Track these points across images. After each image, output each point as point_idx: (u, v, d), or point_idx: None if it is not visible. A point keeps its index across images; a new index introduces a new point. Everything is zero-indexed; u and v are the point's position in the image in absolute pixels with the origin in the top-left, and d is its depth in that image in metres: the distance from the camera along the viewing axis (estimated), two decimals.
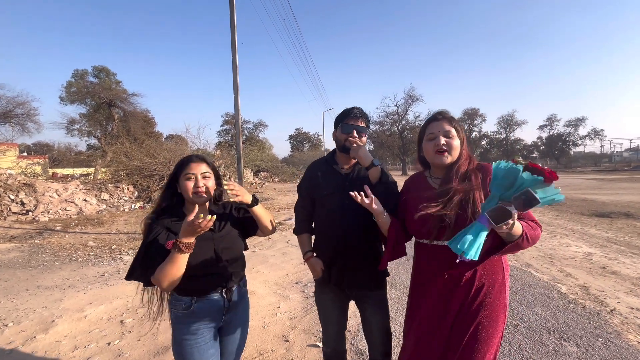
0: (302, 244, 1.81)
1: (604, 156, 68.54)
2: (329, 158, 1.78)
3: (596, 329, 2.71)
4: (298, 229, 1.84)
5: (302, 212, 1.83)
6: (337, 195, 1.63)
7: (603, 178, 26.20)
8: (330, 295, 1.72)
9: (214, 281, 1.41)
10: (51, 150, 36.57)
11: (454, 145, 1.32)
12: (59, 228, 8.02)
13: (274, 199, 14.45)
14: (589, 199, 12.10)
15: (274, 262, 4.99)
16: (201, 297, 1.39)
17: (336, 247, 1.64)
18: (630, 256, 4.85)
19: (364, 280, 1.64)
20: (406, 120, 45.09)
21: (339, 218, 1.64)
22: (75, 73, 28.60)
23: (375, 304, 1.67)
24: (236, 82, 7.42)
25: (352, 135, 1.65)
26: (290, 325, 2.92)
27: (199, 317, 1.38)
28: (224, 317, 1.45)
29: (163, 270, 1.20)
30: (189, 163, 1.40)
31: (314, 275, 1.74)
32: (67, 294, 3.73)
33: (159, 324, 2.93)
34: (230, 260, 1.46)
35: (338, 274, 1.66)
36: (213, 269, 1.39)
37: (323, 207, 1.71)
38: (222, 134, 48.54)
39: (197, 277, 1.35)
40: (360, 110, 1.69)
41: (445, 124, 1.33)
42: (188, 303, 1.37)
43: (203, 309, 1.38)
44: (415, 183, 1.46)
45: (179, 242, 1.19)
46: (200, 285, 1.38)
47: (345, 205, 1.61)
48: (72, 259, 5.35)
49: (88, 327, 2.92)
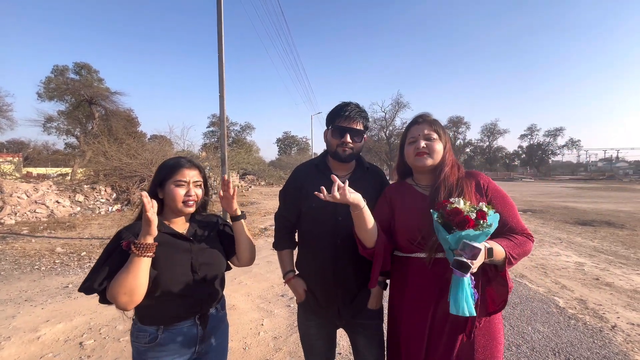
0: (282, 262, 1.54)
1: (580, 165, 71.53)
2: (319, 163, 1.49)
3: (602, 348, 2.55)
4: (278, 243, 1.56)
5: (283, 224, 1.55)
6: (328, 207, 1.33)
7: (581, 187, 27.17)
8: (316, 322, 1.46)
9: (188, 305, 1.16)
10: (26, 148, 34.83)
11: (435, 148, 1.23)
12: (26, 232, 7.42)
13: (260, 203, 14.06)
14: (570, 206, 12.38)
15: (257, 271, 4.67)
16: (170, 325, 1.14)
17: (325, 268, 1.39)
18: (620, 266, 4.82)
19: (359, 308, 1.39)
20: (393, 126, 45.79)
21: (330, 234, 1.37)
22: (55, 69, 27.31)
23: (371, 335, 1.41)
24: (222, 80, 7.10)
25: (346, 140, 1.37)
26: (275, 346, 2.63)
27: (167, 351, 1.13)
28: (197, 348, 1.20)
29: (118, 279, 0.98)
30: (180, 168, 1.20)
31: (297, 298, 1.48)
32: (21, 309, 3.31)
33: (124, 347, 2.59)
34: (210, 278, 1.21)
35: (326, 300, 1.40)
36: (187, 289, 1.14)
37: (311, 220, 1.43)
38: (207, 136, 47.67)
39: (168, 298, 1.12)
40: (356, 108, 1.40)
41: (425, 127, 1.26)
42: (153, 334, 1.12)
43: (171, 339, 1.14)
44: (401, 192, 1.32)
45: (133, 241, 0.99)
46: (171, 310, 1.14)
47: (337, 221, 1.36)
48: (35, 267, 4.86)
49: (40, 350, 2.54)
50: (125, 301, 0.97)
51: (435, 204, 1.10)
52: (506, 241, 1.09)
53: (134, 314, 1.18)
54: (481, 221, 0.98)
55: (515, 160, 64.88)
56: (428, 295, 1.15)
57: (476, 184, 1.21)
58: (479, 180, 1.23)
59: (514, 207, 1.20)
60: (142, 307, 1.09)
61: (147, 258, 1.01)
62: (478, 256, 0.93)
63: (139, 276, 0.98)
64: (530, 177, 49.70)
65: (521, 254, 1.10)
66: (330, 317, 1.43)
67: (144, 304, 1.07)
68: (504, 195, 1.21)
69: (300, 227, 1.50)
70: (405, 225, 1.22)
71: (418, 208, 1.20)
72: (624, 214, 10.28)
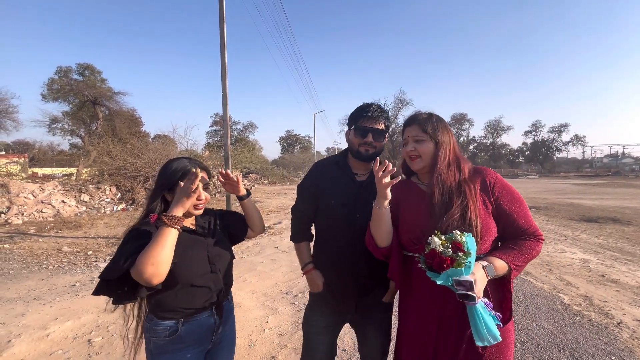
0: (300, 254, 1.57)
1: (585, 162, 70.75)
2: (340, 160, 1.51)
3: (607, 345, 2.54)
4: (297, 235, 1.58)
5: (301, 218, 1.58)
6: (347, 205, 1.41)
7: (586, 183, 26.89)
8: (324, 319, 1.49)
9: (207, 296, 1.21)
10: (31, 149, 35.18)
11: (422, 149, 1.21)
12: (33, 231, 7.52)
13: (264, 202, 14.10)
14: (575, 203, 12.27)
15: (262, 269, 4.70)
16: (190, 317, 1.18)
17: (342, 264, 1.42)
18: (626, 263, 4.78)
19: (373, 301, 1.44)
20: (396, 123, 45.50)
21: (348, 231, 1.41)
22: (58, 70, 27.49)
23: (381, 326, 1.48)
24: (225, 80, 7.11)
25: (369, 140, 1.40)
26: (280, 343, 2.66)
27: (187, 343, 1.17)
28: (214, 338, 1.26)
29: (146, 251, 0.99)
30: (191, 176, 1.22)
31: (314, 288, 1.50)
32: (30, 308, 3.36)
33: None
34: (223, 269, 1.29)
35: (343, 294, 1.44)
36: (206, 280, 1.21)
37: (329, 216, 1.47)
38: (211, 135, 47.76)
39: (189, 291, 1.17)
40: (378, 109, 1.43)
41: (414, 129, 1.24)
42: (174, 327, 1.15)
43: (192, 331, 1.18)
44: (406, 190, 1.31)
45: (164, 213, 1.04)
46: (193, 302, 1.18)
47: (355, 218, 1.39)
48: (42, 266, 4.93)
49: (50, 347, 2.58)
50: (151, 272, 0.97)
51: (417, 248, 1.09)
52: (508, 251, 1.08)
53: (149, 311, 1.21)
54: (459, 254, 0.95)
55: (520, 157, 64.32)
56: (432, 296, 1.14)
57: (482, 181, 1.17)
58: (485, 177, 1.19)
59: (524, 204, 1.16)
60: (162, 303, 1.15)
61: (176, 230, 1.03)
62: (475, 286, 0.93)
63: (167, 246, 1.01)
64: (535, 174, 49.29)
65: (527, 259, 1.09)
66: (344, 311, 1.47)
67: (165, 299, 1.13)
68: (512, 192, 1.18)
69: (318, 223, 1.53)
70: (408, 225, 1.21)
71: (421, 208, 1.19)
72: (630, 210, 10.18)
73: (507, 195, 1.16)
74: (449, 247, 0.97)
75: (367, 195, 1.37)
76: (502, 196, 1.16)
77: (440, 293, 1.11)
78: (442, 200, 1.14)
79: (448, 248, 0.97)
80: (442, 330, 1.12)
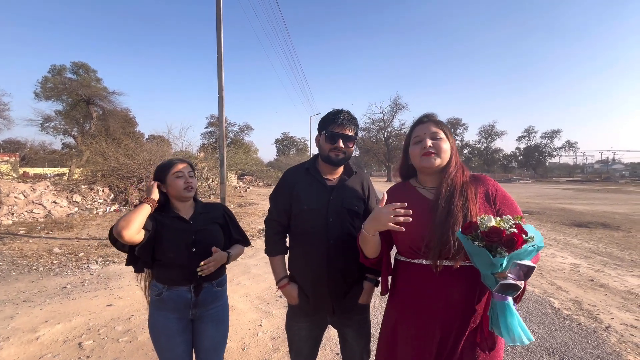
0: (276, 268, 1.56)
1: (576, 167, 71.94)
2: (310, 166, 1.54)
3: (595, 349, 2.59)
4: (271, 248, 1.58)
5: (275, 229, 1.57)
6: (321, 210, 1.43)
7: (577, 188, 27.32)
8: (306, 324, 1.52)
9: (184, 273, 1.46)
10: (22, 148, 34.59)
11: (442, 147, 1.18)
12: (23, 232, 7.39)
13: (258, 204, 14.06)
14: (566, 208, 12.47)
15: (256, 272, 4.69)
16: (171, 286, 1.47)
17: (318, 271, 1.44)
18: (615, 268, 4.87)
19: (350, 303, 1.47)
20: (392, 127, 45.89)
21: (322, 234, 1.42)
22: (52, 68, 27.15)
23: (359, 327, 1.52)
24: (221, 81, 7.11)
25: (339, 146, 1.44)
26: (273, 347, 2.66)
27: (167, 306, 1.47)
28: (192, 311, 1.49)
29: (125, 215, 1.34)
30: (175, 164, 1.54)
31: (291, 301, 1.53)
32: (20, 310, 3.31)
33: (123, 347, 2.60)
34: (205, 254, 1.46)
35: (319, 301, 1.46)
36: (184, 260, 1.45)
37: (303, 221, 1.48)
38: (206, 136, 47.54)
39: (170, 266, 1.46)
40: (348, 116, 1.47)
41: (432, 126, 1.21)
42: (161, 290, 1.47)
43: (171, 298, 1.46)
44: (403, 194, 1.26)
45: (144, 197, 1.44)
46: (171, 274, 1.47)
47: (329, 222, 1.42)
48: (33, 268, 4.85)
49: (39, 351, 2.54)
50: (122, 226, 1.28)
51: (462, 227, 1.01)
52: None
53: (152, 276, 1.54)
54: (527, 236, 0.88)
55: (513, 162, 65.15)
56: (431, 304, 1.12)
57: (484, 192, 1.17)
58: (487, 187, 1.18)
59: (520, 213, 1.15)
60: (156, 269, 1.49)
61: (148, 206, 1.38)
62: (530, 275, 0.87)
63: (138, 213, 1.34)
64: (528, 179, 49.94)
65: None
66: (322, 315, 1.50)
67: (156, 267, 1.48)
68: (512, 203, 1.18)
69: (292, 228, 1.54)
70: (408, 232, 1.12)
71: (422, 214, 1.13)
72: (620, 215, 10.38)
73: (508, 206, 1.17)
74: (513, 227, 0.90)
75: (339, 199, 1.44)
76: (504, 206, 1.17)
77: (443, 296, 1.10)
78: (446, 198, 1.13)
79: (512, 227, 0.90)
80: (444, 334, 1.10)
